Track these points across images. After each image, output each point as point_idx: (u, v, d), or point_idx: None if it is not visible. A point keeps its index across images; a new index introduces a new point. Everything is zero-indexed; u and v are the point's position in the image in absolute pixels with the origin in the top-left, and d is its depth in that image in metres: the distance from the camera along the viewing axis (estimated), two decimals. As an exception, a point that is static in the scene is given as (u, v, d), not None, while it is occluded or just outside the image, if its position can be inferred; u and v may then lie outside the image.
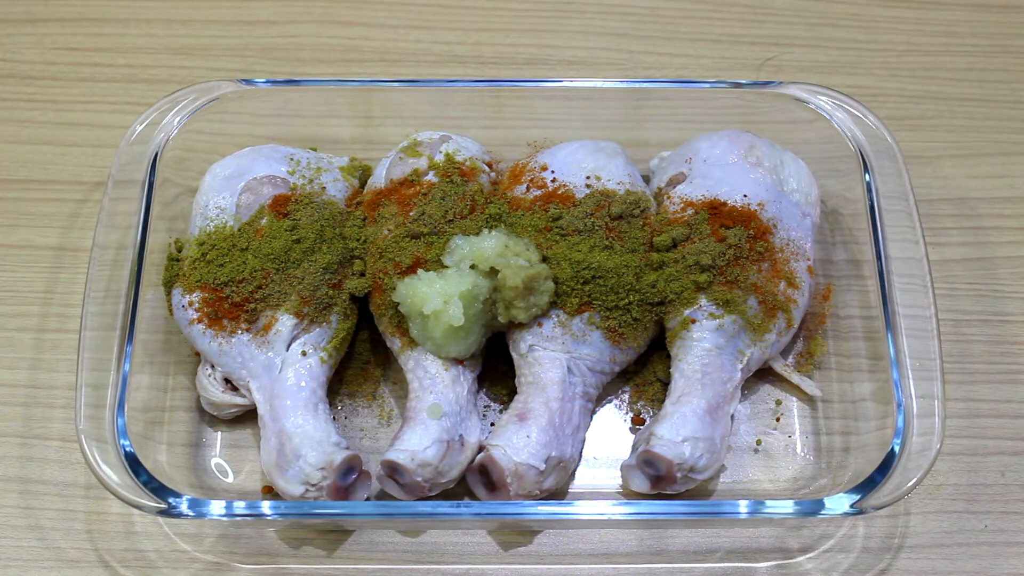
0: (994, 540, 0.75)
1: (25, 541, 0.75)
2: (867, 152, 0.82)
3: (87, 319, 0.74)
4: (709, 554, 0.74)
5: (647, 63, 0.99)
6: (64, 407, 0.79)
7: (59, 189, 0.91)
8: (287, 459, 0.71)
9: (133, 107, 0.93)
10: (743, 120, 0.86)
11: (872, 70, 0.99)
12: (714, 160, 0.82)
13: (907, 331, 0.74)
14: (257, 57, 0.99)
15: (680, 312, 0.76)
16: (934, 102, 0.97)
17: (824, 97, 0.84)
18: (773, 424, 0.79)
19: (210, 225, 0.79)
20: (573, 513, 0.71)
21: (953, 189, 0.92)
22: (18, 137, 0.94)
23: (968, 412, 0.80)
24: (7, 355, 0.82)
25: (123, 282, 0.75)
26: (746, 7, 1.03)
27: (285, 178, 0.81)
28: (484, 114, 0.87)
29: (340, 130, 0.89)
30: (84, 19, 1.01)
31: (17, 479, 0.77)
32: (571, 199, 0.79)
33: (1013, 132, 0.95)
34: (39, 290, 0.85)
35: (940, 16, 1.02)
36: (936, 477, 0.77)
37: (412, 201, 0.79)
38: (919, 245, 0.77)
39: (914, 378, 0.72)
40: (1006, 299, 0.85)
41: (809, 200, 0.82)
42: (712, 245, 0.77)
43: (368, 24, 1.01)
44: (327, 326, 0.76)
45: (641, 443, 0.73)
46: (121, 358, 0.73)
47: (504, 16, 1.02)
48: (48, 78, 0.97)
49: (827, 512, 0.68)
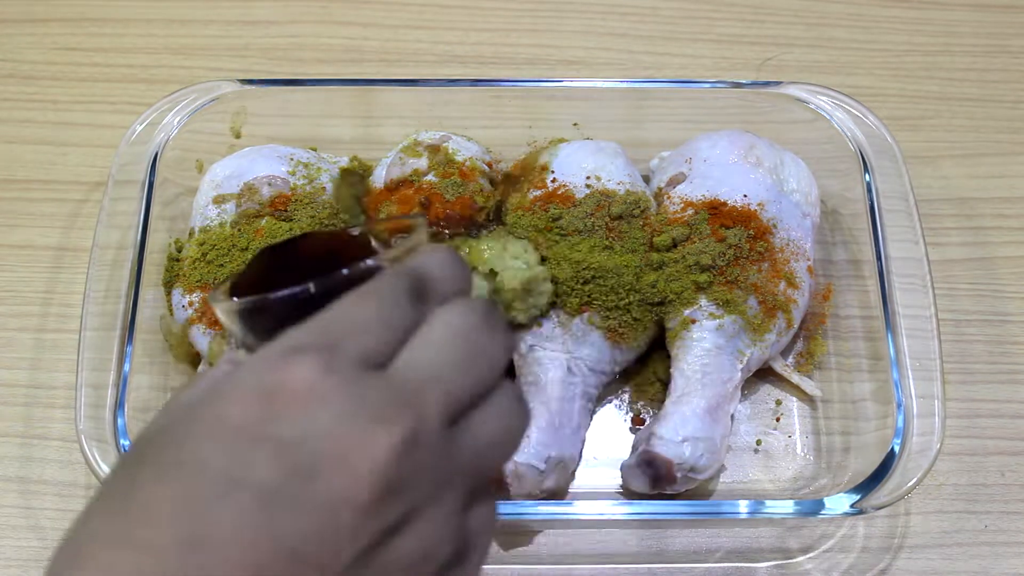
0: (994, 540, 0.75)
1: (25, 541, 0.75)
2: (867, 152, 0.82)
3: (87, 319, 0.74)
4: (709, 554, 0.74)
5: (647, 63, 0.99)
6: (64, 407, 0.79)
7: (59, 189, 0.91)
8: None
9: (133, 107, 0.92)
10: (743, 120, 0.86)
11: (872, 70, 0.99)
12: (714, 160, 0.82)
13: (907, 331, 0.74)
14: (257, 57, 0.99)
15: (680, 312, 0.76)
16: (934, 102, 0.97)
17: (824, 97, 0.84)
18: (773, 424, 0.79)
19: (210, 225, 0.79)
20: (573, 513, 0.71)
21: (953, 189, 0.92)
22: (18, 137, 0.94)
23: (968, 412, 0.80)
24: (7, 355, 0.82)
25: (123, 282, 0.75)
26: (746, 7, 1.03)
27: (285, 178, 0.81)
28: (484, 114, 0.87)
29: (340, 130, 0.89)
30: (84, 19, 1.01)
31: (17, 479, 0.77)
32: (571, 199, 0.79)
33: (1013, 132, 0.95)
34: (39, 290, 0.85)
35: (940, 16, 1.02)
36: (936, 477, 0.77)
37: (412, 201, 0.79)
38: (919, 245, 0.77)
39: (914, 378, 0.72)
40: (1006, 299, 0.85)
41: (809, 200, 0.82)
42: (712, 245, 0.77)
43: (368, 24, 1.01)
44: (327, 326, 0.76)
45: (641, 443, 0.73)
46: (121, 358, 0.73)
47: (504, 16, 1.02)
48: (48, 78, 0.97)
49: (827, 512, 0.68)
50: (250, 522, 0.35)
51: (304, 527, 0.35)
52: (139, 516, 0.35)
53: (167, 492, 0.35)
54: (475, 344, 0.39)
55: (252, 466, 0.35)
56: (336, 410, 0.36)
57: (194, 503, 0.35)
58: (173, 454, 0.36)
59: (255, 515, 0.35)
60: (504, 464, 0.41)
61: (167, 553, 0.34)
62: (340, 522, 0.35)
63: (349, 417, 0.35)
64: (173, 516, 0.35)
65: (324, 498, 0.35)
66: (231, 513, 0.35)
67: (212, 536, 0.34)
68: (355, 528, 0.35)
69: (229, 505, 0.35)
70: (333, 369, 0.36)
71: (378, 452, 0.35)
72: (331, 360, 0.36)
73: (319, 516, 0.35)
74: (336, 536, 0.35)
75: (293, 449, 0.35)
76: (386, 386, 0.37)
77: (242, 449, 0.35)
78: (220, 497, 0.35)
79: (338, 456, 0.35)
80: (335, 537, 0.35)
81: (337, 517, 0.35)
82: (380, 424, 0.35)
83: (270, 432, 0.35)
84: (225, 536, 0.34)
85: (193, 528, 0.34)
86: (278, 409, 0.36)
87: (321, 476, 0.35)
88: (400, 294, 0.39)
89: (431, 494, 0.37)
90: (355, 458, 0.35)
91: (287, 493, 0.35)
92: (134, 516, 0.35)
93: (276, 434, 0.35)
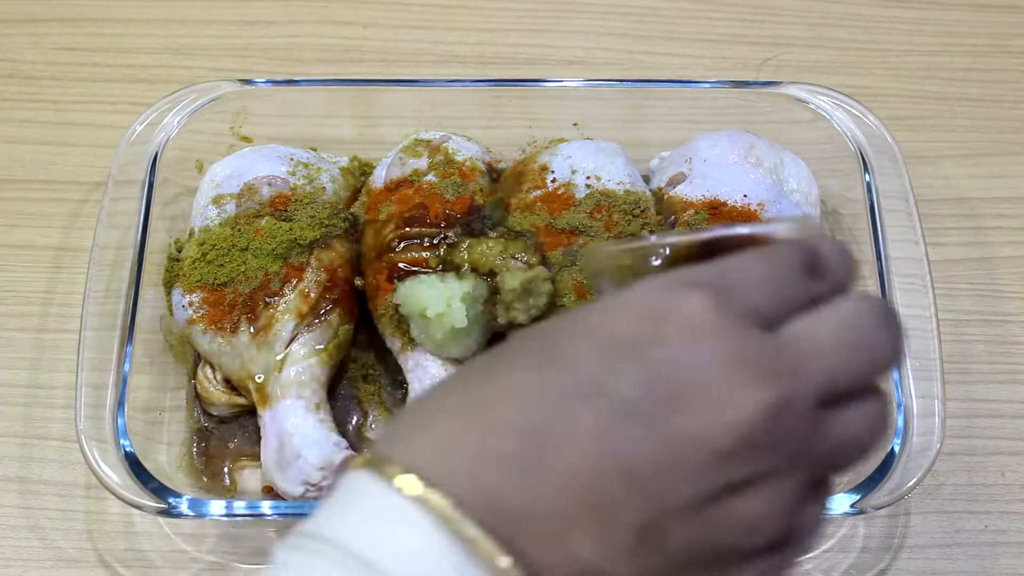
0: (994, 540, 0.75)
1: (25, 541, 0.75)
2: (867, 152, 0.82)
3: (87, 319, 0.74)
4: (709, 554, 0.74)
5: (647, 63, 0.99)
6: (64, 407, 0.79)
7: (59, 189, 0.91)
8: (287, 459, 0.71)
9: (133, 107, 0.92)
10: (743, 120, 0.86)
11: (872, 70, 0.99)
12: (714, 160, 0.82)
13: (907, 331, 0.74)
14: (257, 57, 0.99)
15: (680, 312, 0.76)
16: (934, 102, 0.97)
17: (824, 97, 0.84)
18: (773, 424, 0.79)
19: (210, 225, 0.79)
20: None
21: (953, 189, 0.92)
22: (18, 137, 0.94)
23: (968, 412, 0.80)
24: (7, 355, 0.82)
25: (123, 282, 0.75)
26: (746, 7, 1.03)
27: (285, 178, 0.81)
28: (484, 114, 0.87)
29: (340, 130, 0.89)
30: (84, 19, 1.01)
31: (17, 479, 0.77)
32: (571, 199, 0.79)
33: (1013, 132, 0.95)
34: (39, 290, 0.85)
35: (940, 16, 1.02)
36: (936, 477, 0.77)
37: (412, 201, 0.79)
38: (919, 245, 0.77)
39: (914, 378, 0.72)
40: (1006, 299, 0.85)
41: (809, 200, 0.82)
42: (712, 245, 0.76)
43: (368, 24, 1.01)
44: (327, 326, 0.76)
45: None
46: (121, 358, 0.73)
47: (504, 16, 1.02)
48: (48, 78, 0.97)
49: (827, 512, 0.68)
50: (601, 430, 0.34)
51: (650, 453, 0.34)
52: (495, 397, 0.36)
53: (531, 380, 0.36)
54: (867, 336, 0.38)
55: (621, 378, 0.35)
56: (717, 350, 0.35)
57: (554, 397, 0.35)
58: (548, 349, 0.37)
59: (607, 424, 0.34)
60: (855, 466, 0.40)
61: (510, 436, 0.35)
62: (686, 459, 0.34)
63: (728, 362, 0.35)
64: (528, 403, 0.35)
65: (680, 431, 0.34)
66: (587, 417, 0.35)
67: (559, 434, 0.35)
68: (699, 471, 0.34)
69: (587, 408, 0.35)
70: (723, 310, 0.36)
71: (747, 404, 0.34)
72: (724, 301, 0.36)
73: (669, 447, 0.34)
74: (677, 473, 0.34)
75: (665, 374, 0.35)
76: (771, 345, 0.36)
77: (616, 359, 0.35)
78: (581, 398, 0.35)
79: (707, 396, 0.35)
80: (676, 473, 0.34)
81: (686, 454, 0.34)
82: (756, 379, 0.35)
83: (648, 351, 0.35)
84: (572, 437, 0.34)
85: (545, 421, 0.35)
86: (662, 332, 0.36)
87: (685, 409, 0.34)
88: (795, 262, 0.39)
89: (782, 468, 0.36)
90: (723, 403, 0.35)
91: (645, 413, 0.34)
92: (490, 396, 0.36)
93: (653, 355, 0.35)
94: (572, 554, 0.34)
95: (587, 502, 0.34)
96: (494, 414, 0.36)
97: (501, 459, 0.35)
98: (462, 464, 0.35)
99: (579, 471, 0.34)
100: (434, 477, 0.35)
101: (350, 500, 0.36)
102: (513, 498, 0.35)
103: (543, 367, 0.36)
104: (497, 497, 0.35)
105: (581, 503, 0.34)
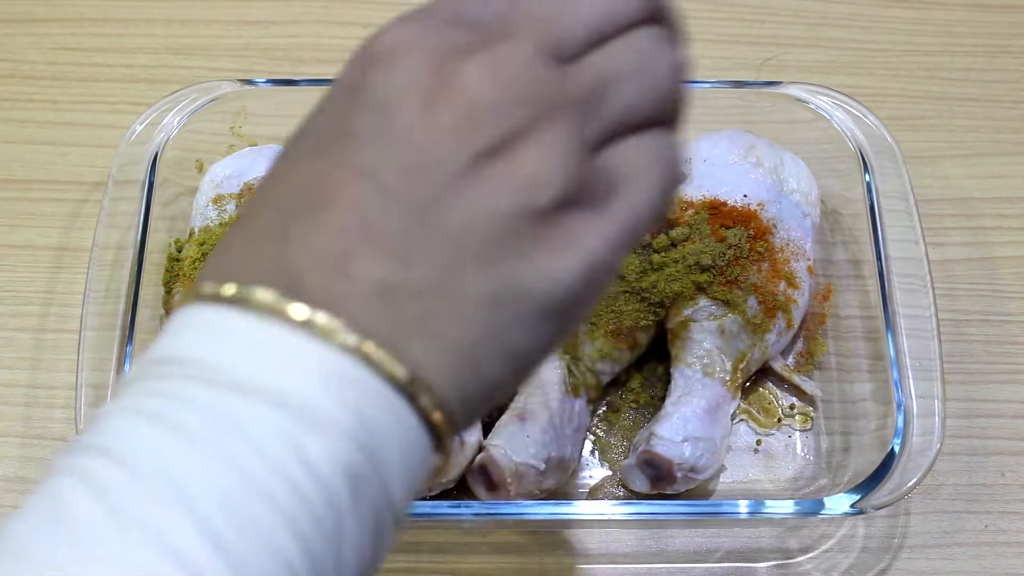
0: (994, 540, 0.75)
1: (25, 541, 0.75)
2: (867, 152, 0.82)
3: (87, 319, 0.74)
4: (709, 554, 0.74)
5: (647, 63, 0.99)
6: (64, 407, 0.79)
7: (59, 189, 0.91)
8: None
9: (133, 107, 0.92)
10: (743, 120, 0.86)
11: (872, 70, 0.99)
12: (714, 160, 0.82)
13: (907, 331, 0.74)
14: (257, 57, 0.99)
15: (680, 312, 0.76)
16: (934, 102, 0.97)
17: (824, 97, 0.84)
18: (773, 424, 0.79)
19: (210, 225, 0.79)
20: (573, 513, 0.71)
21: (953, 189, 0.92)
22: (18, 137, 0.94)
23: (968, 412, 0.80)
24: (7, 355, 0.82)
25: (123, 282, 0.75)
26: (746, 7, 1.03)
27: (285, 178, 0.80)
28: (484, 114, 0.87)
29: (340, 130, 0.88)
30: (84, 19, 1.01)
31: (17, 479, 0.77)
32: (571, 199, 0.79)
33: (1013, 132, 0.95)
34: (39, 290, 0.85)
35: (940, 16, 1.02)
36: (936, 477, 0.77)
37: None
38: (919, 245, 0.77)
39: (914, 378, 0.72)
40: (1006, 299, 0.85)
41: (809, 200, 0.82)
42: (712, 245, 0.77)
43: (368, 24, 1.01)
44: (327, 326, 0.76)
45: (641, 443, 0.73)
46: (121, 358, 0.73)
47: (504, 16, 1.02)
48: (48, 78, 0.97)
49: (827, 512, 0.68)
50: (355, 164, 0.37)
51: (395, 162, 0.36)
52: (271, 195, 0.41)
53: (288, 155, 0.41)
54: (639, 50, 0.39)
55: (353, 115, 0.38)
56: (417, 58, 0.37)
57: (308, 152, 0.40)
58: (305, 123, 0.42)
59: (356, 156, 0.37)
60: (646, 104, 0.39)
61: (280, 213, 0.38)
62: (425, 149, 0.36)
63: (427, 52, 0.37)
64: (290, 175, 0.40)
65: (407, 129, 0.36)
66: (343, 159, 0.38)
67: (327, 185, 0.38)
68: (442, 152, 0.36)
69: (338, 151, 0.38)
70: (419, 20, 0.38)
71: (458, 80, 0.36)
72: (421, 17, 0.38)
73: (407, 149, 0.36)
74: (421, 169, 0.36)
75: (382, 94, 0.37)
76: (471, 26, 0.38)
77: (349, 100, 0.38)
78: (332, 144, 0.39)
79: (418, 89, 0.36)
80: (421, 171, 0.36)
81: (424, 149, 0.36)
82: (458, 53, 0.36)
83: (364, 82, 0.38)
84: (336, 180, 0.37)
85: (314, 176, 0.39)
86: (372, 62, 0.38)
87: (406, 108, 0.36)
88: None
89: (536, 121, 0.36)
90: (435, 90, 0.36)
91: (379, 132, 0.37)
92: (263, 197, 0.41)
93: (368, 83, 0.37)
94: (356, 277, 0.36)
95: (353, 228, 0.36)
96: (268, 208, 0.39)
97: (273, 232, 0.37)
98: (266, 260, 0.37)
99: (347, 204, 0.36)
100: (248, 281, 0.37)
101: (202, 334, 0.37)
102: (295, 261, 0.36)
103: (296, 139, 0.41)
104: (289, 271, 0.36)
105: (353, 234, 0.36)
